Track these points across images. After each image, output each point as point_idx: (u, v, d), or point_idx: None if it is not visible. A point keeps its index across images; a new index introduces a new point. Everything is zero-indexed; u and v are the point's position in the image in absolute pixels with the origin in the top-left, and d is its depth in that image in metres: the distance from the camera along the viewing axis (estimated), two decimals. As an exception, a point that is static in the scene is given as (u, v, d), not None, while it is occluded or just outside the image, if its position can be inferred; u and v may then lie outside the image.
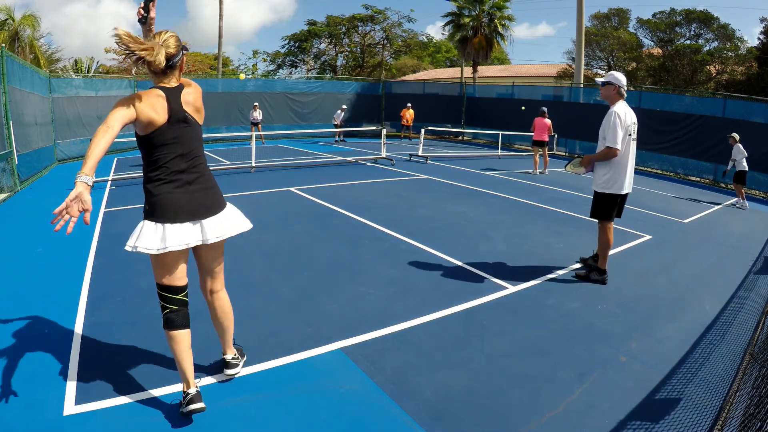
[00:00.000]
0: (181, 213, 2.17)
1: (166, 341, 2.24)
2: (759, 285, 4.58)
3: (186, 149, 2.19)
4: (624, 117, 3.97)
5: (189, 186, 2.19)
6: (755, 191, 11.76)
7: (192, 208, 2.19)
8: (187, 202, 2.18)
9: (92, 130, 12.14)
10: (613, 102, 4.09)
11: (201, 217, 2.21)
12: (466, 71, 24.89)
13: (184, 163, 2.19)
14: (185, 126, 2.18)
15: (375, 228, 5.65)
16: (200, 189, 2.23)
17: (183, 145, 2.18)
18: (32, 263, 4.27)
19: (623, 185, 4.07)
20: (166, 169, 2.16)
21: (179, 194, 2.17)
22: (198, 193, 2.21)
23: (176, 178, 2.17)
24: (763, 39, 21.58)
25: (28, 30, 21.63)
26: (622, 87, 4.07)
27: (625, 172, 4.06)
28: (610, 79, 4.08)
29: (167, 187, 2.16)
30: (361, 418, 2.30)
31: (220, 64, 22.78)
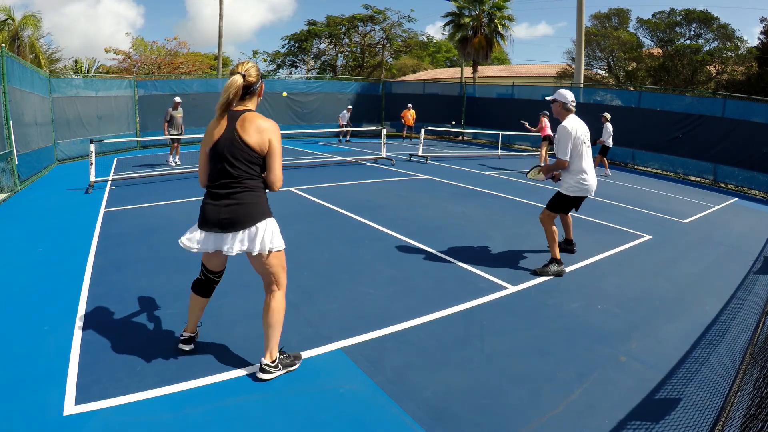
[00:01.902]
0: (207, 222, 2.46)
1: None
2: (759, 285, 4.58)
3: (227, 167, 2.41)
4: (572, 130, 4.26)
5: (220, 200, 2.44)
6: (755, 191, 11.76)
7: (215, 220, 2.44)
8: (212, 214, 2.45)
9: (92, 130, 12.15)
10: (562, 117, 4.40)
11: (223, 229, 2.44)
12: (466, 71, 24.89)
13: (223, 179, 2.43)
14: (231, 147, 2.39)
15: (375, 228, 5.65)
16: (229, 204, 2.43)
17: (226, 162, 2.40)
18: (32, 263, 4.27)
19: (591, 188, 4.38)
20: (211, 181, 2.48)
21: (209, 205, 2.47)
22: (224, 208, 2.43)
23: (213, 192, 2.47)
24: (763, 39, 21.58)
25: (28, 30, 21.63)
26: (567, 102, 4.38)
27: (592, 176, 4.39)
28: (556, 97, 4.43)
29: (205, 198, 2.52)
30: (361, 418, 2.30)
31: (220, 64, 22.78)
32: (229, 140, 2.38)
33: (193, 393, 2.43)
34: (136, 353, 2.76)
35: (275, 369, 2.58)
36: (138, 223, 5.58)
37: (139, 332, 3.02)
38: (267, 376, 2.56)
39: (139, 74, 22.47)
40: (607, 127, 11.20)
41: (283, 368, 2.62)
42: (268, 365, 2.56)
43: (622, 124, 14.46)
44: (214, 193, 2.46)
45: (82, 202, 6.79)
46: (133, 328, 3.08)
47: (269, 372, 2.56)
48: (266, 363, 2.56)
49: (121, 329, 3.05)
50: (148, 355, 2.75)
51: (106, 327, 3.07)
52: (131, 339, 2.93)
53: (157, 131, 14.56)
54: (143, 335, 2.98)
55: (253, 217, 2.44)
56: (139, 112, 14.40)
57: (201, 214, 2.49)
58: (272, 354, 2.57)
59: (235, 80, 2.35)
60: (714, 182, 12.59)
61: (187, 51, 29.08)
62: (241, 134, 2.37)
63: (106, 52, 25.71)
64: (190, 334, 2.79)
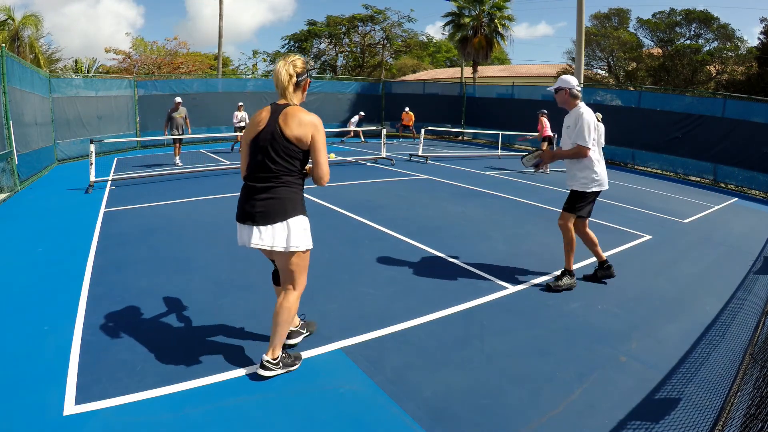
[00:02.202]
0: (239, 213, 2.48)
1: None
2: (759, 285, 4.58)
3: (267, 161, 2.40)
4: (592, 118, 3.96)
5: (257, 194, 2.42)
6: (755, 191, 11.76)
7: (250, 213, 2.42)
8: (248, 207, 2.44)
9: (92, 130, 12.15)
10: (570, 105, 4.06)
11: (255, 223, 2.42)
12: (466, 71, 24.89)
13: (262, 173, 2.42)
14: (272, 141, 2.38)
15: (375, 228, 5.65)
16: (265, 198, 2.41)
17: (266, 156, 2.39)
18: (32, 263, 4.27)
19: (605, 180, 4.07)
20: (249, 174, 2.46)
21: (242, 196, 2.48)
22: (259, 202, 2.41)
23: (250, 185, 2.45)
24: (763, 39, 21.57)
25: (28, 30, 21.62)
26: (573, 88, 4.00)
27: (604, 168, 4.12)
28: (560, 84, 4.04)
29: (242, 191, 2.50)
30: (361, 418, 2.30)
31: (220, 64, 22.78)
32: (271, 134, 2.37)
33: (193, 393, 2.43)
34: (136, 353, 2.76)
35: (276, 367, 2.56)
36: (138, 223, 5.58)
37: (139, 332, 3.02)
38: (267, 373, 2.54)
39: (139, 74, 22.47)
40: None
41: (283, 367, 2.60)
42: (269, 362, 2.54)
43: (622, 124, 14.48)
44: (251, 186, 2.44)
45: (82, 202, 6.79)
46: (132, 328, 3.07)
47: (270, 369, 2.54)
48: (267, 360, 2.54)
49: (121, 329, 3.05)
50: (148, 355, 2.75)
51: (105, 327, 3.07)
52: (131, 339, 2.93)
53: (157, 131, 14.57)
54: (143, 335, 2.98)
55: (285, 212, 2.42)
56: (139, 112, 14.41)
57: (238, 207, 2.49)
58: (275, 351, 2.55)
59: (278, 70, 2.37)
60: (714, 182, 12.59)
61: (187, 51, 29.10)
62: (282, 128, 2.36)
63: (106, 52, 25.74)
64: (293, 327, 2.86)
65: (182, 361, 2.69)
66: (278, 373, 2.58)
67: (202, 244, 4.84)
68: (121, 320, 3.17)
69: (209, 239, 5.01)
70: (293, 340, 2.61)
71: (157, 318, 3.22)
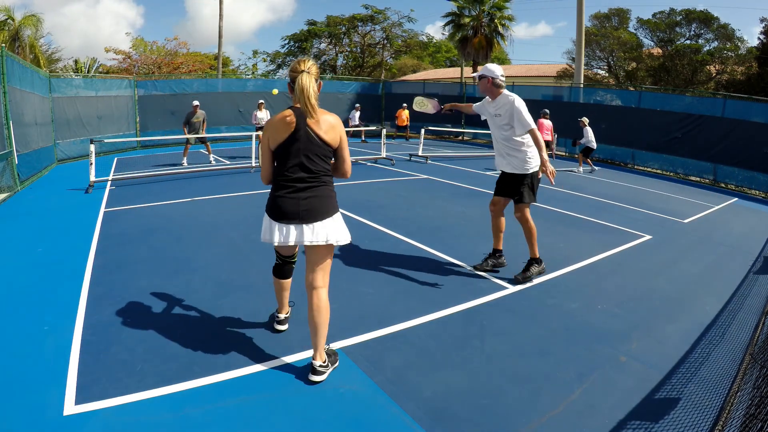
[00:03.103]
0: (286, 215, 2.52)
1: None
2: (759, 285, 4.58)
3: (305, 162, 2.49)
4: (521, 100, 3.92)
5: (299, 193, 2.51)
6: (755, 191, 11.76)
7: (295, 211, 2.50)
8: (291, 206, 2.51)
9: (92, 130, 12.15)
10: (494, 94, 4.02)
11: (303, 221, 2.50)
12: (466, 71, 24.89)
13: (301, 173, 2.49)
14: (308, 144, 2.47)
15: (375, 228, 5.65)
16: (308, 197, 2.51)
17: (304, 158, 2.48)
18: (32, 263, 4.27)
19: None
20: (286, 176, 2.51)
21: (287, 199, 2.51)
22: (304, 201, 2.50)
23: (290, 185, 2.51)
24: (763, 39, 21.58)
25: (28, 30, 21.62)
26: (497, 78, 3.93)
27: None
28: (483, 72, 3.98)
29: (279, 192, 2.54)
30: (361, 418, 2.30)
31: (220, 64, 22.78)
32: (305, 138, 2.45)
33: (193, 393, 2.43)
34: (136, 353, 2.76)
35: (326, 369, 2.60)
36: (138, 223, 5.58)
37: (138, 332, 3.02)
38: (321, 378, 2.56)
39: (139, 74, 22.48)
40: (585, 131, 11.73)
41: (331, 366, 2.66)
42: (321, 366, 2.57)
43: (622, 124, 14.48)
44: (292, 186, 2.50)
45: (82, 202, 6.79)
46: (133, 328, 3.07)
47: (323, 373, 2.57)
48: (320, 364, 2.57)
49: (121, 329, 3.05)
50: (148, 355, 2.75)
51: (105, 327, 3.07)
52: (131, 339, 2.93)
53: (157, 131, 14.58)
54: (143, 335, 2.98)
55: (331, 209, 2.56)
56: (139, 112, 14.41)
57: (276, 207, 2.53)
58: (323, 354, 2.60)
59: (306, 80, 2.37)
60: (714, 182, 12.60)
61: (187, 51, 29.10)
62: (317, 132, 2.45)
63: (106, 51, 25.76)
64: (285, 315, 3.06)
65: (182, 361, 2.70)
66: (329, 374, 2.62)
67: (202, 244, 4.84)
68: (121, 320, 3.17)
69: (209, 239, 5.01)
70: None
71: (157, 318, 3.22)
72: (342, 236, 2.58)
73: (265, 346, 2.90)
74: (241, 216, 6.01)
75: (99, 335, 2.96)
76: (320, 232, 2.50)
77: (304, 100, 2.37)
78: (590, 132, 11.73)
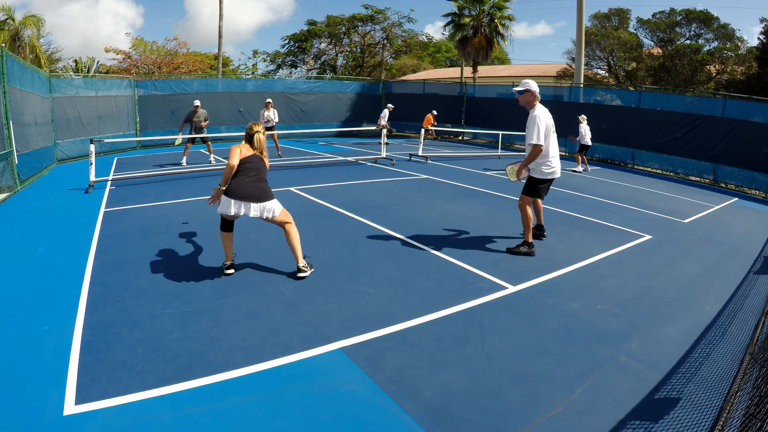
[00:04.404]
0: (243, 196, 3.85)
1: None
2: (759, 285, 4.59)
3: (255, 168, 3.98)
4: (542, 117, 4.67)
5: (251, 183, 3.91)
6: (755, 191, 11.76)
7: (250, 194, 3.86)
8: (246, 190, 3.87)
9: (92, 130, 12.14)
10: (531, 106, 4.77)
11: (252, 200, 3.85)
12: (466, 71, 24.88)
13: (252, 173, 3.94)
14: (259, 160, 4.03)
15: (375, 228, 5.65)
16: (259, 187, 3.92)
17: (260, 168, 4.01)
18: (32, 263, 4.27)
19: (557, 170, 4.85)
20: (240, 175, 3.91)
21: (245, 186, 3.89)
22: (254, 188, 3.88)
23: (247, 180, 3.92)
24: (763, 39, 21.56)
25: (28, 30, 21.62)
26: (537, 93, 4.78)
27: (557, 159, 4.83)
28: (528, 87, 4.76)
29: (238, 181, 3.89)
30: (361, 418, 2.30)
31: (219, 64, 22.76)
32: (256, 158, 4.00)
33: (193, 393, 2.43)
34: (136, 353, 2.76)
35: (307, 269, 4.04)
36: (138, 223, 5.58)
37: (139, 332, 3.02)
38: (305, 274, 4.01)
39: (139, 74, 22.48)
40: (581, 127, 11.94)
41: (309, 270, 4.07)
42: (303, 267, 4.01)
43: (622, 124, 14.47)
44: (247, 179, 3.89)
45: (82, 202, 6.79)
46: (132, 328, 3.08)
47: (305, 271, 4.02)
48: (302, 266, 4.01)
49: (121, 329, 3.05)
50: (148, 355, 2.75)
51: (105, 327, 3.07)
52: (131, 339, 2.93)
53: (157, 131, 14.57)
54: (143, 335, 2.98)
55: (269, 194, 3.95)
56: (139, 112, 14.41)
57: (236, 191, 3.83)
58: (302, 260, 4.02)
59: (262, 138, 4.06)
60: (714, 182, 12.59)
61: (187, 51, 29.08)
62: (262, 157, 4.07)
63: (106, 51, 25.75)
64: (231, 262, 4.08)
65: (182, 361, 2.70)
66: (309, 274, 4.02)
67: (202, 244, 4.84)
68: (121, 320, 3.18)
69: (209, 239, 5.01)
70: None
71: (157, 318, 3.22)
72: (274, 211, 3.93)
73: (265, 346, 2.90)
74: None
75: (99, 335, 2.96)
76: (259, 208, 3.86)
77: (261, 147, 4.04)
78: (586, 129, 11.86)
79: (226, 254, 4.08)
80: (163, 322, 3.17)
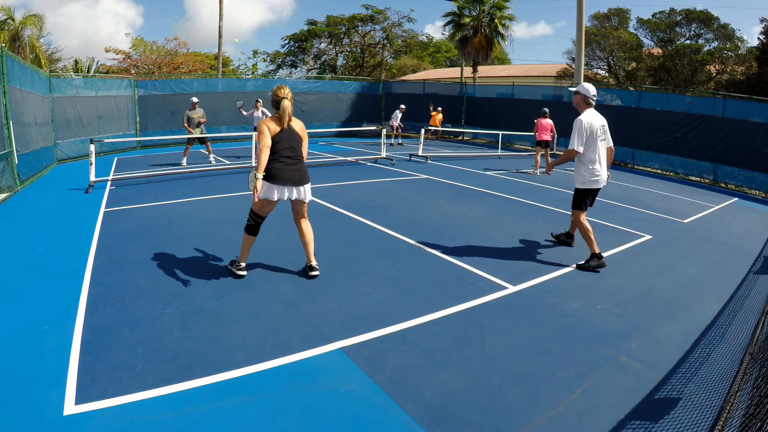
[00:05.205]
0: (282, 179, 3.77)
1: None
2: (759, 285, 4.58)
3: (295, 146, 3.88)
4: (587, 122, 4.45)
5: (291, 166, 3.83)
6: (755, 191, 11.76)
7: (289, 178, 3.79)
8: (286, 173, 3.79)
9: (92, 130, 12.14)
10: (582, 109, 4.58)
11: (294, 184, 3.83)
12: (466, 71, 24.88)
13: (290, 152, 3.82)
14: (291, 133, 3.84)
15: (375, 228, 5.65)
16: (299, 169, 3.88)
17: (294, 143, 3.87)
18: (32, 263, 4.27)
19: (602, 179, 4.59)
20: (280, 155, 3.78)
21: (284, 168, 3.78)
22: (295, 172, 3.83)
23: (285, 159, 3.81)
24: (763, 39, 21.56)
25: (28, 30, 21.62)
26: (588, 96, 4.55)
27: (603, 168, 4.58)
28: (579, 89, 4.62)
29: (276, 163, 3.76)
30: (361, 418, 2.30)
31: (219, 64, 22.76)
32: (287, 132, 3.79)
33: (193, 393, 2.43)
34: (136, 353, 2.76)
35: (318, 269, 4.00)
36: (138, 223, 5.58)
37: (139, 332, 3.02)
38: (316, 273, 3.98)
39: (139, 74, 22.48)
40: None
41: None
42: (316, 265, 3.99)
43: (622, 124, 14.45)
44: (283, 161, 3.78)
45: (82, 202, 6.79)
46: (132, 328, 3.08)
47: (316, 269, 4.00)
48: (315, 264, 3.99)
49: (121, 329, 3.05)
50: (148, 355, 2.75)
51: (105, 327, 3.07)
52: (131, 339, 2.93)
53: (157, 131, 14.57)
54: (143, 335, 2.98)
55: (307, 176, 3.95)
56: (139, 112, 14.40)
57: (278, 175, 3.74)
58: (313, 259, 3.99)
59: (288, 105, 3.77)
60: (714, 182, 12.59)
61: (187, 51, 29.08)
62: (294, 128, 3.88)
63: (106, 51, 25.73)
64: (245, 263, 4.02)
65: (182, 361, 2.70)
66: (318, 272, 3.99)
67: (202, 244, 4.84)
68: (120, 320, 3.18)
69: (209, 239, 5.02)
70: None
71: (157, 318, 3.22)
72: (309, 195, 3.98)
73: (265, 346, 2.90)
74: (241, 216, 6.00)
75: (99, 335, 2.96)
76: (302, 193, 3.87)
77: (287, 115, 3.77)
78: None
79: (242, 255, 3.96)
80: (163, 322, 3.17)
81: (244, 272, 3.98)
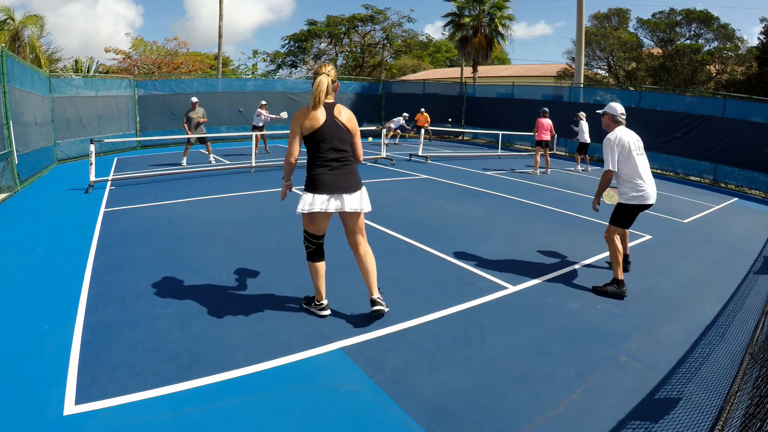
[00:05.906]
0: (327, 187, 3.04)
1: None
2: (759, 285, 4.58)
3: (338, 144, 3.07)
4: (616, 139, 4.12)
5: (336, 170, 3.07)
6: (755, 191, 11.76)
7: (335, 185, 3.05)
8: (332, 181, 3.05)
9: (92, 130, 12.15)
10: (611, 129, 4.27)
11: (344, 191, 3.07)
12: (466, 71, 24.88)
13: (334, 155, 3.06)
14: (337, 130, 3.05)
15: (375, 228, 5.65)
16: (345, 173, 3.09)
17: (336, 141, 3.06)
18: (32, 263, 4.27)
19: (649, 195, 4.12)
20: (322, 157, 3.05)
21: (327, 175, 3.05)
22: (342, 176, 3.07)
23: (328, 164, 3.06)
24: (763, 39, 21.57)
25: (28, 30, 21.61)
26: (616, 115, 4.27)
27: (649, 182, 4.15)
28: (606, 110, 4.36)
29: (319, 169, 3.07)
30: (361, 418, 2.30)
31: (220, 64, 22.76)
32: (333, 126, 3.03)
33: (193, 393, 2.43)
34: (136, 353, 2.76)
35: (383, 303, 3.26)
36: (138, 223, 5.58)
37: (138, 332, 3.02)
38: (381, 308, 3.23)
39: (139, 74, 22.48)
40: (581, 124, 11.78)
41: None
42: (379, 298, 3.26)
43: (622, 124, 14.44)
44: (329, 165, 3.04)
45: (82, 202, 6.79)
46: (132, 328, 3.08)
47: (381, 304, 3.25)
48: (378, 297, 3.25)
49: (121, 329, 3.05)
50: (148, 355, 2.75)
51: (105, 327, 3.07)
52: (131, 339, 2.93)
53: (157, 131, 14.57)
54: (143, 335, 2.98)
55: (359, 183, 3.16)
56: (139, 112, 14.40)
57: (319, 182, 3.04)
58: (376, 290, 3.27)
59: (323, 80, 3.01)
60: (714, 182, 12.59)
61: (187, 51, 29.08)
62: (341, 120, 3.07)
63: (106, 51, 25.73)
64: (325, 302, 3.34)
65: (182, 361, 2.70)
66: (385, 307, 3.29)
67: (202, 244, 4.84)
68: (120, 320, 3.17)
69: (209, 239, 5.01)
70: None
71: (157, 318, 3.22)
72: (363, 205, 3.16)
73: (265, 346, 2.90)
74: (241, 216, 6.02)
75: (99, 335, 2.96)
76: (352, 203, 3.10)
77: (318, 96, 3.03)
78: (585, 127, 11.72)
79: (317, 290, 3.28)
80: (163, 322, 3.17)
81: (327, 311, 3.30)
